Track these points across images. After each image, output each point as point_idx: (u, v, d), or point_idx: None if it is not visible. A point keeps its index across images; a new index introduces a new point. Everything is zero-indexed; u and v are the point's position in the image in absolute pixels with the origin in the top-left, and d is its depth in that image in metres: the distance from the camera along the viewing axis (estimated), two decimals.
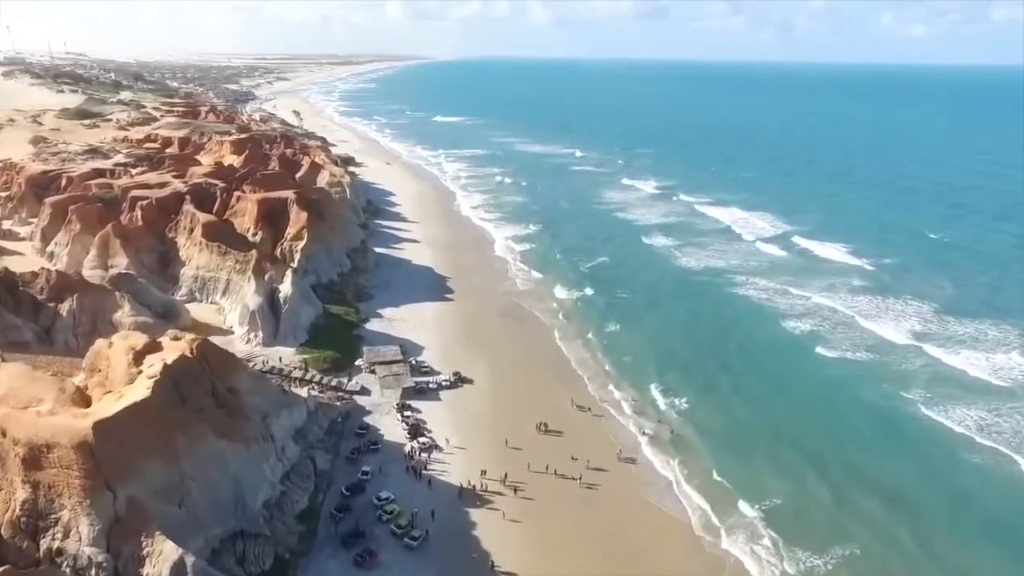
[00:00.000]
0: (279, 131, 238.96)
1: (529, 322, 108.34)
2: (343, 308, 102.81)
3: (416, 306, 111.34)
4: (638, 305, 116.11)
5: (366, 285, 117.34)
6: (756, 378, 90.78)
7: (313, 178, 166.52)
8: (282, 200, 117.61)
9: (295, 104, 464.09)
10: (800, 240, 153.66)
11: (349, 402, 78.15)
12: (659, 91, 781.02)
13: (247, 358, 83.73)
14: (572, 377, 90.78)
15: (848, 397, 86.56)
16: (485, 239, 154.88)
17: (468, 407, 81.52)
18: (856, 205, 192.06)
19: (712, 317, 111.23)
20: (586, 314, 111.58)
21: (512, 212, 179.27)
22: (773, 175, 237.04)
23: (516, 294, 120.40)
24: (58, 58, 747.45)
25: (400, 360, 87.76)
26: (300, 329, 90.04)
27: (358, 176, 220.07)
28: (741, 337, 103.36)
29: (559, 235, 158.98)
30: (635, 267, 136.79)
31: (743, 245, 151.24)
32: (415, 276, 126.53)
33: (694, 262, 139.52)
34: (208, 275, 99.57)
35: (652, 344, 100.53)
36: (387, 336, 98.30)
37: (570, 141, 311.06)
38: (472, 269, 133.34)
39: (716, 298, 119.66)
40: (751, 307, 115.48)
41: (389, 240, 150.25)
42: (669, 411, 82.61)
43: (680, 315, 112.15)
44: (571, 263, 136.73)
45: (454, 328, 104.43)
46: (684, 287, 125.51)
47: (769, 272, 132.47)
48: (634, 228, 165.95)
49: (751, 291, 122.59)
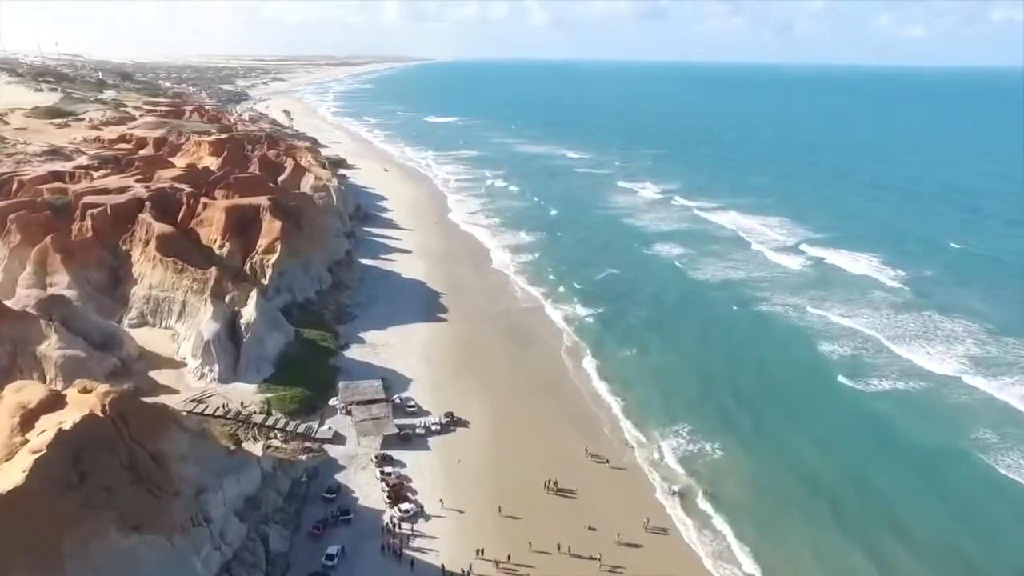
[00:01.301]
0: (266, 132, 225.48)
1: (533, 347, 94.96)
2: (319, 332, 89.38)
3: (404, 328, 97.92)
4: (653, 326, 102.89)
5: (348, 304, 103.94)
6: (784, 416, 77.91)
7: (296, 182, 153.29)
8: (254, 207, 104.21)
9: (289, 104, 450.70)
10: (811, 249, 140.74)
11: (318, 455, 64.69)
12: (658, 92, 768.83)
13: (199, 398, 70.39)
14: (585, 416, 77.43)
15: (888, 440, 73.68)
16: (482, 249, 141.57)
17: (462, 459, 68.09)
18: (864, 209, 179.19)
19: (730, 341, 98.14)
20: (597, 337, 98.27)
21: (511, 218, 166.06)
22: (776, 177, 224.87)
23: (517, 313, 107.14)
24: (51, 58, 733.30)
25: (382, 399, 74.32)
26: (264, 361, 76.56)
27: (348, 179, 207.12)
28: (763, 366, 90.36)
29: (561, 244, 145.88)
30: (645, 280, 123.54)
31: (752, 255, 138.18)
32: (404, 292, 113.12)
33: (705, 274, 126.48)
34: (162, 295, 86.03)
35: (672, 374, 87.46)
36: (368, 366, 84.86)
37: (570, 142, 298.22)
38: (468, 283, 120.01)
39: (732, 318, 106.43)
40: (769, 329, 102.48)
41: (378, 250, 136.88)
42: (698, 460, 69.46)
43: (698, 338, 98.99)
44: (576, 276, 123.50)
45: (447, 355, 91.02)
46: (698, 304, 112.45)
47: (783, 287, 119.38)
48: (640, 236, 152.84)
49: (767, 308, 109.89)
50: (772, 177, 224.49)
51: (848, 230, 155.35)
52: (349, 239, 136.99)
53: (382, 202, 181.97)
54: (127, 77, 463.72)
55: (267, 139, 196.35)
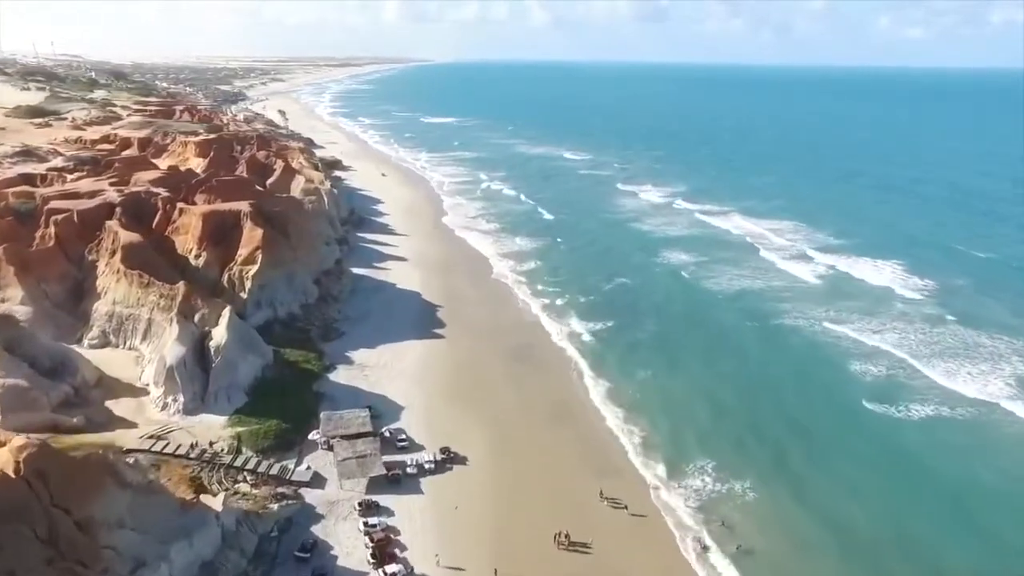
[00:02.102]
0: (257, 132, 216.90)
1: (537, 367, 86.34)
2: (302, 353, 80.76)
3: (397, 346, 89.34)
4: (666, 343, 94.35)
5: (336, 319, 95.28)
6: (813, 451, 70.15)
7: (286, 185, 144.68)
8: (234, 213, 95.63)
9: (287, 105, 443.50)
10: (822, 256, 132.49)
11: (292, 503, 56.05)
12: (658, 93, 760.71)
13: (158, 433, 61.79)
14: (598, 450, 68.94)
15: (926, 478, 66.05)
16: (481, 256, 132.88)
17: (459, 504, 59.51)
18: (872, 212, 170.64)
19: (749, 361, 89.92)
20: (607, 356, 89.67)
21: (511, 223, 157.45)
22: (779, 179, 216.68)
23: (519, 328, 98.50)
24: (48, 58, 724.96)
25: (369, 433, 65.69)
26: (236, 389, 67.98)
27: (343, 181, 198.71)
28: (785, 390, 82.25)
29: (563, 250, 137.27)
30: (653, 291, 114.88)
31: (762, 264, 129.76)
32: (398, 305, 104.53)
33: (716, 284, 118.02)
34: (126, 312, 77.41)
35: (689, 399, 79.25)
36: (355, 392, 76.28)
37: (570, 143, 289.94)
38: (466, 294, 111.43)
39: (748, 335, 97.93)
40: (789, 348, 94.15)
41: (371, 258, 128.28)
42: (727, 503, 61.24)
43: (713, 357, 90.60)
44: (581, 286, 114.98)
45: (443, 377, 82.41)
46: (711, 319, 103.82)
47: (799, 299, 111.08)
48: (645, 242, 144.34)
49: (784, 323, 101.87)
50: (774, 179, 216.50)
51: (859, 235, 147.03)
52: (341, 246, 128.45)
53: (377, 205, 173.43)
54: (121, 77, 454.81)
55: (257, 140, 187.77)
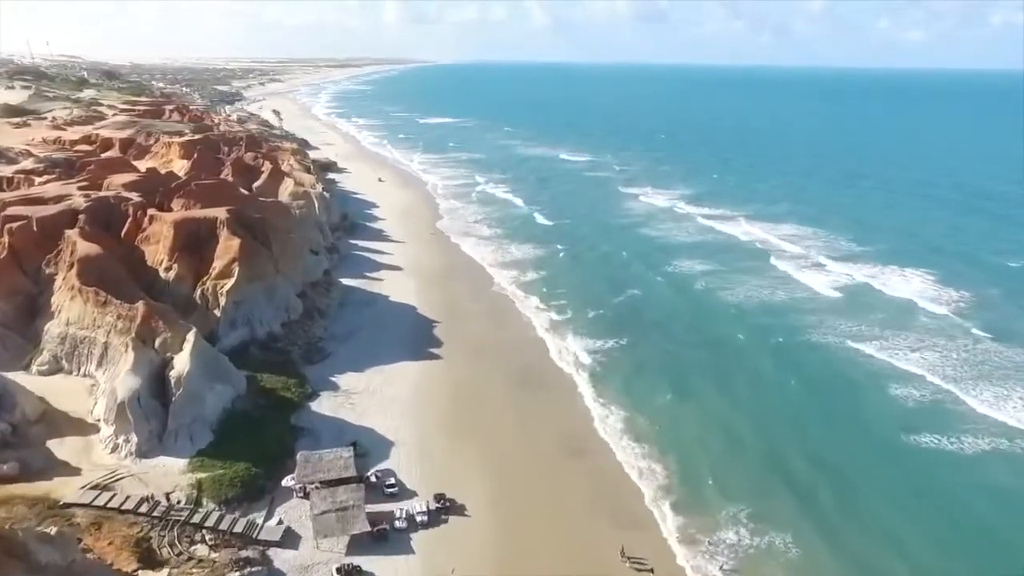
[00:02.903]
0: (247, 132, 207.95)
1: (544, 393, 77.45)
2: (281, 379, 71.88)
3: (388, 369, 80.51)
4: (684, 363, 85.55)
5: (322, 337, 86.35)
6: (861, 495, 61.51)
7: (274, 188, 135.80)
8: (210, 221, 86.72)
9: (285, 105, 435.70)
10: (839, 266, 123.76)
11: (257, 571, 47.15)
12: (658, 93, 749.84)
13: (103, 482, 52.92)
14: (616, 495, 60.17)
15: (985, 529, 57.05)
16: (481, 265, 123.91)
17: (456, 566, 50.69)
18: (885, 217, 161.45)
19: (774, 385, 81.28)
20: (621, 379, 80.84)
21: (512, 229, 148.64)
22: (783, 181, 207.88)
23: (523, 347, 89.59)
24: (45, 59, 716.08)
25: (351, 478, 56.80)
26: (201, 425, 59.09)
27: (337, 184, 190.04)
28: (818, 421, 73.68)
29: (568, 259, 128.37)
30: (666, 305, 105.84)
31: (778, 274, 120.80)
32: (391, 320, 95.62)
33: (731, 297, 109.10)
34: (81, 334, 68.51)
35: (714, 430, 70.91)
36: (340, 425, 67.45)
37: (571, 145, 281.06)
38: (466, 308, 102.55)
39: (770, 355, 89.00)
40: (815, 370, 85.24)
41: (363, 267, 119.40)
42: (768, 562, 52.32)
43: (736, 380, 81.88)
44: (588, 299, 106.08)
45: (439, 406, 73.56)
46: (728, 335, 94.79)
47: (818, 313, 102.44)
48: (653, 249, 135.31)
49: (806, 340, 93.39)
50: (777, 181, 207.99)
51: (872, 242, 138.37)
52: (331, 255, 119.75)
53: (372, 210, 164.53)
54: (113, 76, 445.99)
55: (247, 141, 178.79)
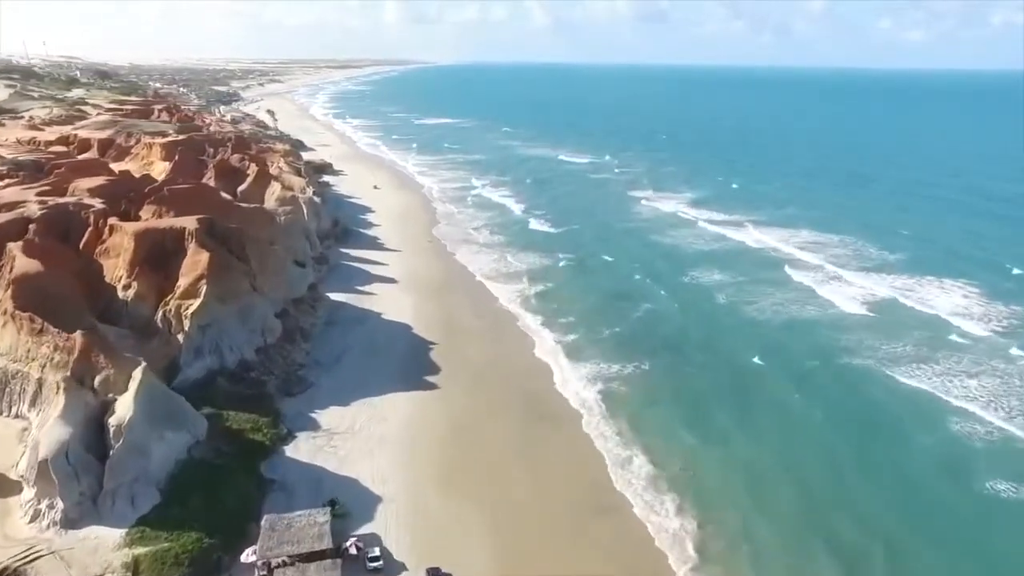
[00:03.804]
0: (240, 133, 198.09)
1: (556, 432, 67.27)
2: (251, 417, 61.83)
3: (377, 402, 70.48)
4: (713, 393, 75.63)
5: (303, 364, 76.25)
6: (923, 559, 51.62)
7: (259, 193, 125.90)
8: (177, 232, 76.74)
9: (283, 105, 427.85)
10: (859, 278, 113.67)
11: None
12: (658, 94, 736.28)
13: (13, 564, 42.82)
14: (644, 565, 50.03)
15: None
16: (482, 276, 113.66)
17: None
18: (898, 222, 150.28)
19: (806, 420, 71.02)
20: (644, 413, 70.81)
21: (514, 236, 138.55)
22: (788, 184, 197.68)
23: (530, 374, 79.42)
24: (42, 59, 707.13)
25: (326, 551, 46.68)
26: (145, 485, 49.01)
27: (331, 187, 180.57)
28: (878, 465, 63.55)
29: (575, 269, 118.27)
30: (684, 322, 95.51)
31: (797, 285, 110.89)
32: (383, 342, 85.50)
33: (751, 315, 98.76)
34: (13, 368, 58.41)
35: (757, 478, 61.02)
36: (317, 474, 57.40)
37: (571, 146, 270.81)
38: (466, 326, 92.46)
39: (801, 386, 77.98)
40: (848, 399, 75.18)
41: (355, 279, 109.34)
42: None
43: (767, 414, 71.80)
44: (599, 315, 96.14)
45: (435, 450, 63.47)
46: (754, 358, 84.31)
47: (848, 332, 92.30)
48: (665, 259, 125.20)
49: (840, 366, 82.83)
50: (782, 183, 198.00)
51: (891, 250, 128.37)
52: (319, 266, 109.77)
53: (367, 215, 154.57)
54: (106, 76, 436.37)
55: (236, 141, 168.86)
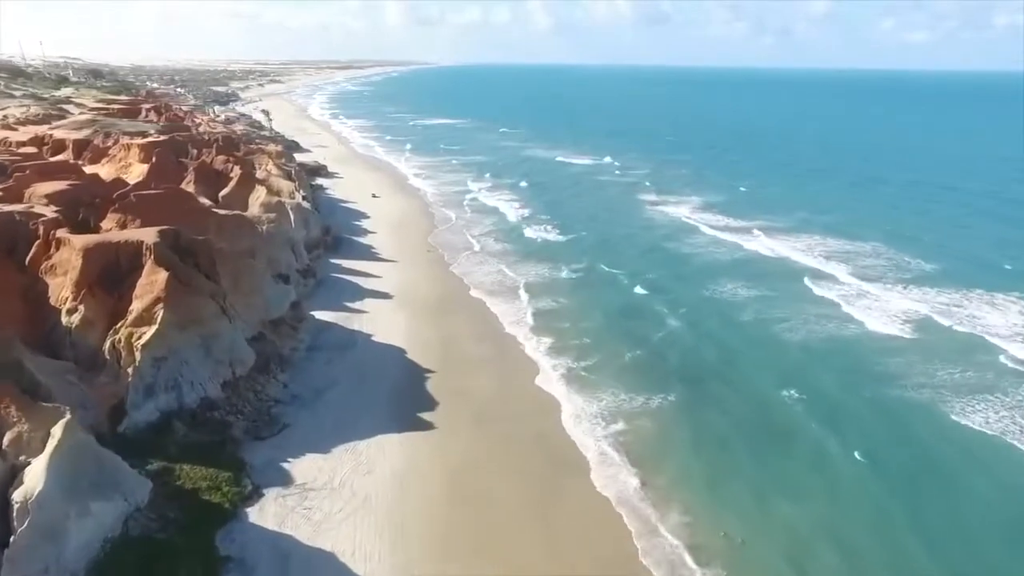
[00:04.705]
0: (226, 133, 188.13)
1: (573, 488, 56.73)
2: (209, 472, 51.59)
3: (363, 447, 60.22)
4: (734, 433, 64.07)
5: (278, 400, 65.85)
6: None
7: (243, 198, 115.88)
8: (133, 247, 66.56)
9: (281, 106, 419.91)
10: (887, 292, 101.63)
11: None
12: (658, 95, 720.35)
13: None
14: None
15: None
16: (484, 291, 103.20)
17: None
18: (920, 229, 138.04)
19: (851, 470, 58.69)
20: (671, 462, 60.15)
21: (519, 245, 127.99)
22: (795, 186, 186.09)
23: (538, 409, 68.97)
24: (43, 60, 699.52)
25: None
26: (61, 573, 38.95)
27: (326, 191, 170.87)
28: (922, 533, 51.38)
29: (586, 282, 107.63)
30: (710, 345, 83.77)
31: (819, 300, 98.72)
32: (372, 370, 75.14)
33: (776, 336, 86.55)
34: None
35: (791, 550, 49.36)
36: (285, 547, 47.06)
37: (577, 148, 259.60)
38: (466, 351, 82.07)
39: (835, 420, 66.08)
40: (898, 445, 62.59)
41: (344, 294, 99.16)
42: None
43: (800, 461, 59.83)
44: (617, 338, 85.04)
45: (430, 510, 53.11)
46: (783, 391, 71.85)
47: (883, 358, 79.37)
48: (681, 269, 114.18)
49: (877, 398, 70.59)
50: (789, 186, 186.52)
51: (920, 260, 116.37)
52: (305, 279, 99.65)
53: (361, 221, 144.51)
54: (100, 76, 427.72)
55: (223, 142, 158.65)
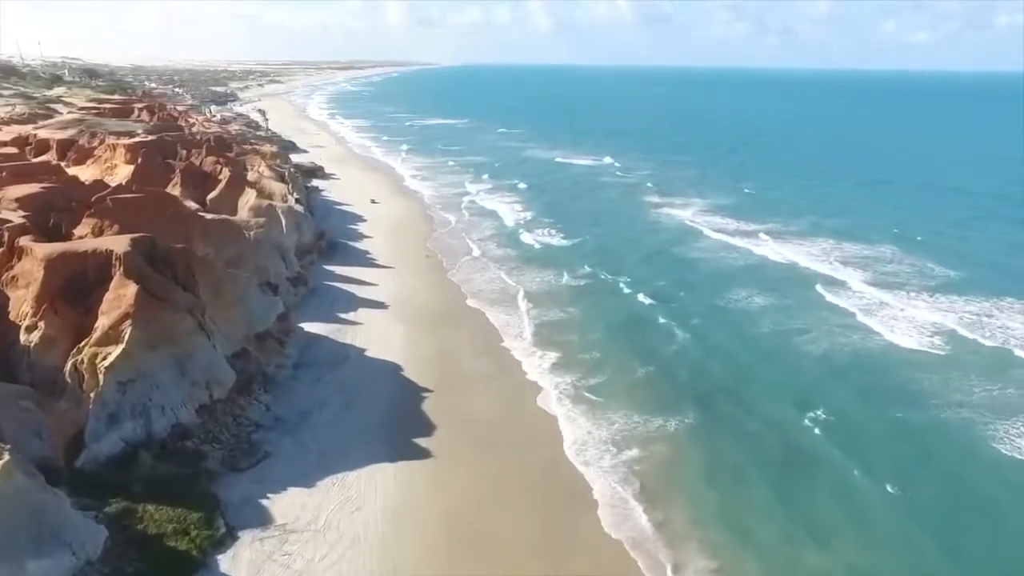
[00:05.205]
0: (219, 133, 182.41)
1: (585, 526, 50.98)
2: (176, 513, 45.64)
3: (352, 479, 54.33)
4: (760, 465, 58.25)
5: (260, 425, 59.89)
6: None
7: (231, 201, 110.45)
8: (102, 257, 60.81)
9: (279, 105, 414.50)
10: (907, 302, 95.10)
11: None
12: (659, 96, 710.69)
13: None
14: None
15: None
16: (485, 301, 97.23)
17: None
18: (933, 234, 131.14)
19: (881, 506, 52.83)
20: (688, 497, 54.45)
21: (521, 250, 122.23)
22: (802, 188, 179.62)
23: (547, 436, 62.91)
24: (42, 60, 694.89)
25: None
26: None
27: (321, 193, 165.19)
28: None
29: (591, 291, 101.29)
30: (723, 362, 77.46)
31: (834, 308, 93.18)
32: (365, 390, 69.20)
33: (802, 346, 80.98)
34: None
35: None
36: None
37: (579, 149, 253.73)
38: (466, 368, 76.15)
39: (859, 450, 60.09)
40: (933, 477, 56.93)
41: (337, 304, 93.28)
42: None
43: (838, 495, 53.91)
44: (625, 354, 78.65)
45: (428, 554, 47.14)
46: (814, 414, 65.79)
47: (910, 377, 73.29)
48: (688, 277, 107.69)
49: (903, 423, 64.35)
50: (797, 187, 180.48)
51: (938, 266, 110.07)
52: (295, 288, 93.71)
53: (358, 224, 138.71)
54: (96, 75, 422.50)
55: (215, 142, 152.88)
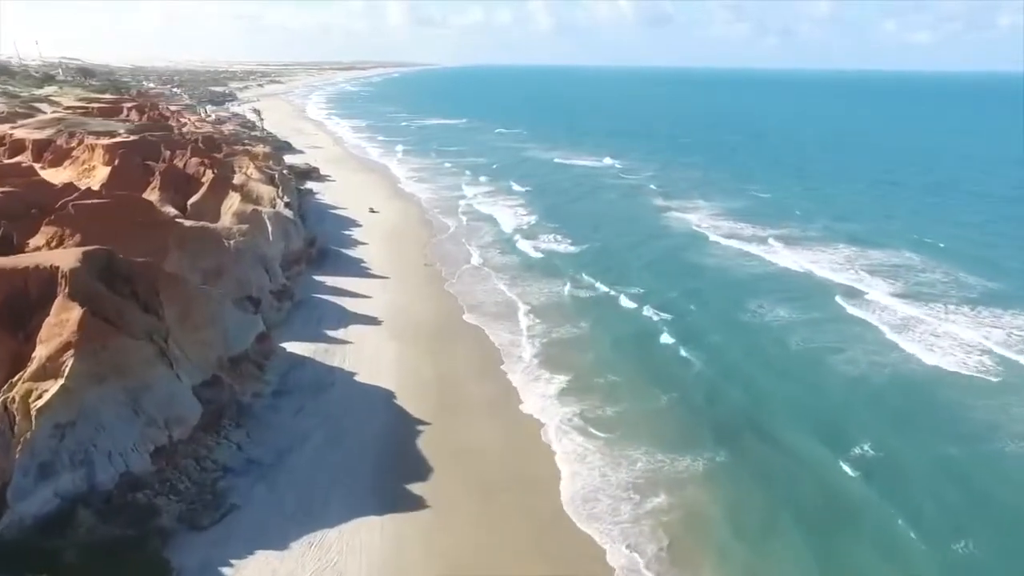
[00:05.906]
0: (211, 133, 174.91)
1: None
2: None
3: (332, 537, 46.28)
4: (795, 518, 50.11)
5: (229, 468, 52.00)
6: None
7: (214, 206, 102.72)
8: (46, 274, 53.04)
9: (278, 105, 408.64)
10: (939, 320, 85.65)
11: None
12: (660, 96, 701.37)
13: None
14: None
15: None
16: (486, 315, 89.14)
17: None
18: (955, 240, 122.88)
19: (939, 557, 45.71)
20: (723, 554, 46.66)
21: (525, 257, 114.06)
22: (811, 191, 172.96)
23: (558, 478, 55.25)
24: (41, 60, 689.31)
25: None
26: None
27: (316, 195, 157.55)
28: None
29: (599, 305, 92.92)
30: (743, 390, 68.68)
31: (858, 323, 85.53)
32: (353, 423, 61.18)
33: (831, 368, 72.95)
34: None
35: None
36: None
37: (580, 150, 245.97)
38: (466, 396, 67.99)
39: (920, 495, 51.95)
40: (1001, 540, 48.17)
41: (326, 320, 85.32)
42: None
43: (884, 551, 46.15)
44: (642, 376, 70.74)
45: None
46: (848, 451, 57.38)
47: (959, 403, 65.77)
48: (702, 289, 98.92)
49: (950, 461, 56.31)
50: (804, 190, 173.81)
51: (969, 275, 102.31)
52: (280, 302, 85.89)
53: (352, 230, 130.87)
54: (90, 75, 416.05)
55: (204, 143, 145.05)
